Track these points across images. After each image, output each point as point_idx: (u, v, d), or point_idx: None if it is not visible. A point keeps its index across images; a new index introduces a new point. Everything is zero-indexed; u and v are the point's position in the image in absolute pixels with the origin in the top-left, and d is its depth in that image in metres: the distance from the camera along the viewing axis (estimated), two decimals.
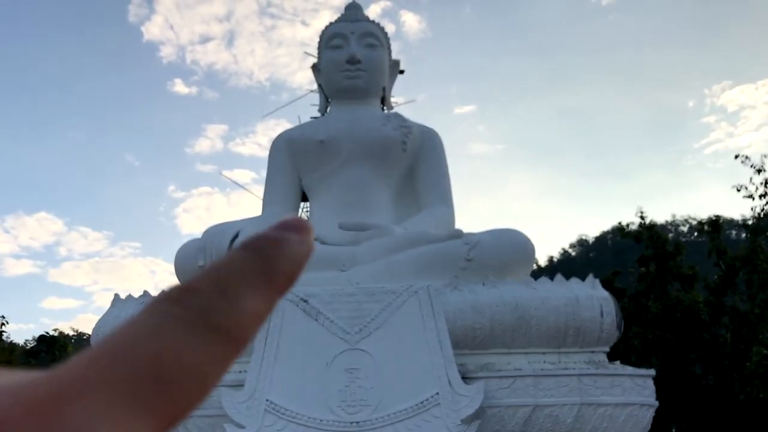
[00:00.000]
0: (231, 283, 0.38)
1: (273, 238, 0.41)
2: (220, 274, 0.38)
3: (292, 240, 0.42)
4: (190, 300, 0.36)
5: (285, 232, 0.42)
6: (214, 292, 0.37)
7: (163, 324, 0.35)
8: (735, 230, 40.06)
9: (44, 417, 0.31)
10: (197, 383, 0.35)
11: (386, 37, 11.16)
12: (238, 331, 0.37)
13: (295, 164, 10.47)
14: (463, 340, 7.45)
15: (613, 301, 7.84)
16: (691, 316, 19.53)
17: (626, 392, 7.30)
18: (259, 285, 0.39)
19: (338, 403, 6.87)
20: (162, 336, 0.34)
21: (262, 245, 0.41)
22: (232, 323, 0.37)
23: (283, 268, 0.41)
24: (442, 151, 10.76)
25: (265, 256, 0.40)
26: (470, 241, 8.35)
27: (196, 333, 0.35)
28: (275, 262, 0.40)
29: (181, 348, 0.34)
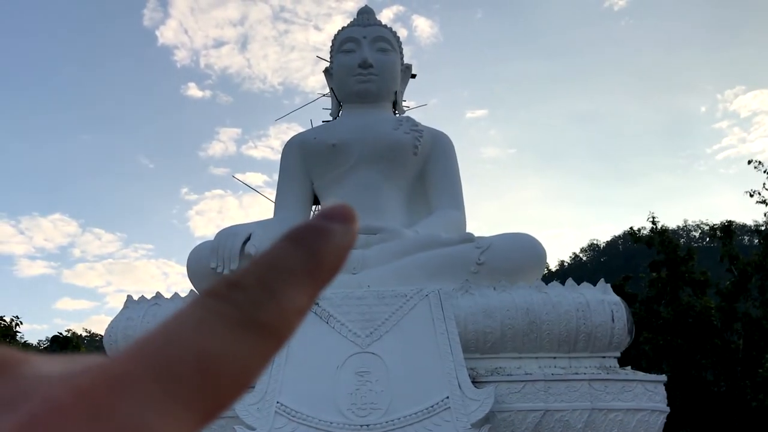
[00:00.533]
0: (274, 278, 0.38)
1: (317, 228, 0.41)
2: (263, 269, 0.39)
3: (335, 230, 0.41)
4: (234, 296, 0.37)
5: (329, 221, 0.41)
6: (258, 287, 0.38)
7: (208, 319, 0.36)
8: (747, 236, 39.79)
9: (95, 405, 0.32)
10: (239, 378, 0.36)
11: (398, 41, 11.19)
12: (280, 328, 0.37)
13: (307, 167, 10.51)
14: (474, 344, 7.45)
15: (624, 306, 7.82)
16: (703, 321, 19.40)
17: (637, 398, 7.27)
18: (302, 279, 0.39)
19: (348, 406, 6.89)
20: (207, 332, 0.35)
21: (305, 236, 0.40)
22: (275, 320, 0.37)
23: (326, 261, 0.40)
24: (454, 154, 10.76)
25: (308, 248, 0.40)
26: (481, 244, 8.35)
27: (241, 330, 0.36)
28: (318, 254, 0.40)
29: (226, 344, 0.35)
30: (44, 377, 0.34)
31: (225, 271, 8.50)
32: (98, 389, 0.32)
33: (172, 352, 0.34)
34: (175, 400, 0.33)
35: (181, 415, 0.33)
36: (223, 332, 0.35)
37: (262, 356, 0.37)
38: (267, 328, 0.37)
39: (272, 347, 0.37)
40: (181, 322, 0.36)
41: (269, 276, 0.38)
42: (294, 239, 0.40)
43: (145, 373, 0.33)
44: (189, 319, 0.36)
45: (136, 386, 0.33)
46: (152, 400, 0.33)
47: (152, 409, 0.33)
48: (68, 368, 0.35)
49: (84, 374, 0.33)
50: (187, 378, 0.34)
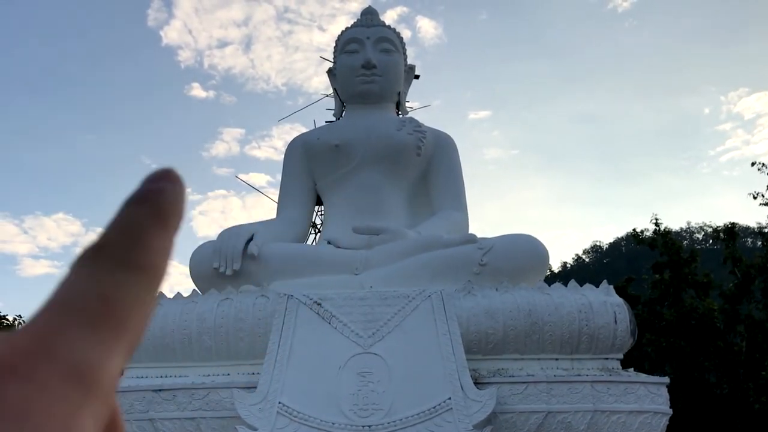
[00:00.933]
0: (135, 231, 0.44)
1: (151, 189, 0.47)
2: (123, 227, 0.44)
3: (167, 187, 0.47)
4: (106, 252, 0.43)
5: (159, 182, 0.47)
6: (125, 241, 0.43)
7: (94, 273, 0.41)
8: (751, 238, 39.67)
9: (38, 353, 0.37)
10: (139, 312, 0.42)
11: (402, 42, 11.19)
12: (155, 265, 0.44)
13: (310, 168, 10.51)
14: (476, 345, 7.45)
15: (626, 307, 7.80)
16: (706, 323, 19.36)
17: (640, 400, 7.26)
18: (159, 227, 0.45)
19: (350, 407, 6.88)
20: (98, 279, 0.41)
21: (146, 197, 0.46)
22: (148, 259, 0.43)
23: (169, 209, 0.46)
24: (456, 155, 10.76)
25: (153, 204, 0.46)
26: (484, 245, 8.35)
27: (124, 272, 0.42)
28: (161, 206, 0.46)
29: (116, 284, 0.41)
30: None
31: (227, 271, 8.50)
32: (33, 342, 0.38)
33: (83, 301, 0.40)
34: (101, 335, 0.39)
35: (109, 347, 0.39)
36: (109, 277, 0.41)
37: (148, 291, 0.43)
38: (142, 267, 0.43)
39: (153, 283, 0.43)
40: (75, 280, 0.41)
41: (127, 229, 0.44)
42: (135, 201, 0.46)
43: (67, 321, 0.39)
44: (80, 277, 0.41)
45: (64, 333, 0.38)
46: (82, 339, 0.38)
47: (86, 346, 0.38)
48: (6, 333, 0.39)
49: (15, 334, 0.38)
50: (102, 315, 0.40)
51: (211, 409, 7.17)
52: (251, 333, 7.53)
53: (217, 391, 7.22)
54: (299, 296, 7.60)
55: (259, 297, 7.76)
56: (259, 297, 7.77)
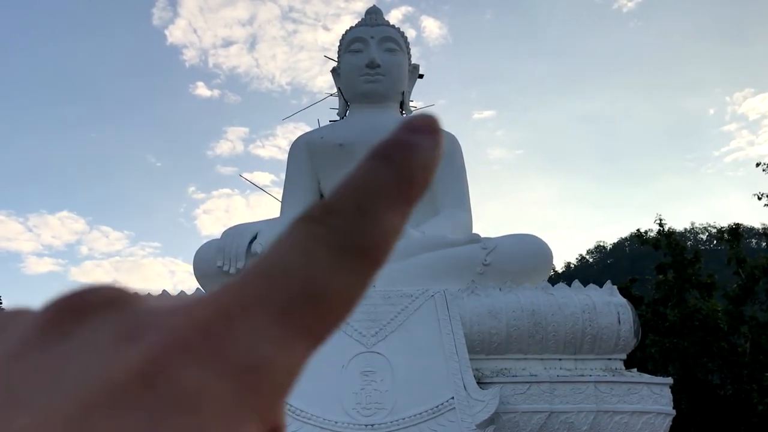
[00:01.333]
0: (368, 200, 0.37)
1: (403, 143, 0.39)
2: (356, 191, 0.37)
3: (422, 144, 0.39)
4: (332, 221, 0.36)
5: (415, 134, 0.39)
6: (354, 211, 0.37)
7: (311, 246, 0.35)
8: (755, 239, 39.60)
9: (214, 336, 0.33)
10: (344, 302, 0.36)
11: (406, 41, 11.20)
12: (378, 251, 0.37)
13: (313, 167, 10.53)
14: (479, 345, 7.45)
15: (630, 308, 7.80)
16: (710, 324, 19.32)
17: (643, 400, 7.26)
18: (395, 199, 0.38)
19: (353, 406, 6.90)
20: (312, 258, 0.35)
21: (393, 153, 0.39)
22: (374, 243, 0.37)
23: (416, 178, 0.39)
24: (460, 155, 10.76)
25: (397, 165, 0.38)
26: (488, 245, 8.35)
27: (342, 254, 0.35)
28: (408, 171, 0.39)
29: (329, 270, 0.35)
30: (159, 311, 0.34)
31: (231, 269, 8.52)
32: (216, 320, 0.33)
33: (281, 280, 0.34)
34: (286, 329, 0.34)
35: (292, 344, 0.34)
36: (325, 258, 0.35)
37: (363, 279, 0.37)
38: (366, 252, 0.36)
39: (372, 270, 0.37)
40: (286, 248, 0.36)
41: (363, 198, 0.37)
42: (382, 156, 0.39)
43: (258, 302, 0.34)
44: (293, 245, 0.36)
45: (251, 316, 0.33)
46: (266, 328, 0.33)
47: (267, 336, 0.33)
48: (181, 303, 0.35)
49: (200, 306, 0.34)
50: (297, 305, 0.34)
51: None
52: None
53: None
54: None
55: None
56: None
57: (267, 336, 0.33)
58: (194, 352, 0.32)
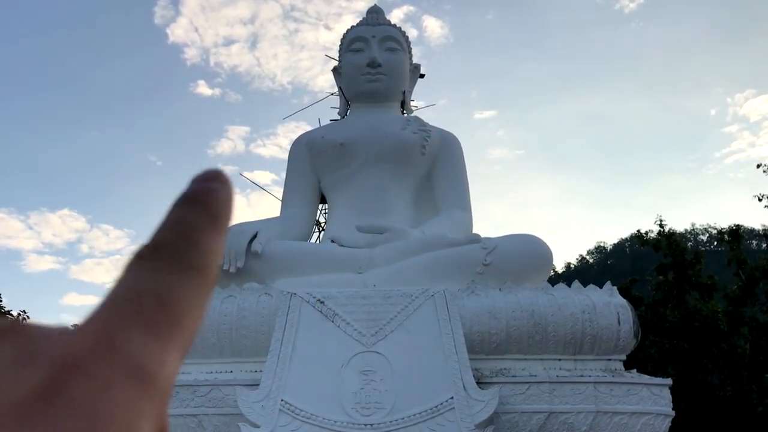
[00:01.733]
0: (188, 231, 0.45)
1: (202, 189, 0.48)
2: (176, 227, 0.45)
3: (217, 188, 0.48)
4: (160, 253, 0.43)
5: (209, 182, 0.48)
6: (178, 241, 0.44)
7: (150, 273, 0.42)
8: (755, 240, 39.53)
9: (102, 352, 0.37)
10: (193, 314, 0.42)
11: (407, 41, 11.18)
12: (208, 268, 0.44)
13: (314, 166, 10.51)
14: (479, 345, 7.45)
15: (630, 309, 7.79)
16: (710, 326, 19.31)
17: (642, 401, 7.25)
18: (210, 227, 0.46)
19: (353, 405, 6.89)
20: (155, 280, 0.41)
21: (197, 197, 0.47)
22: (202, 262, 0.44)
23: (220, 210, 0.47)
24: (461, 155, 10.75)
25: (202, 204, 0.47)
26: (488, 245, 8.34)
27: (179, 274, 0.42)
28: (212, 206, 0.47)
29: (174, 287, 0.42)
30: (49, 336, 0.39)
31: (231, 268, 8.52)
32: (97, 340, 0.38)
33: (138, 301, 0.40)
34: (159, 340, 0.39)
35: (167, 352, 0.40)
36: (166, 278, 0.42)
37: (202, 293, 0.43)
38: (197, 269, 0.43)
39: (207, 285, 0.44)
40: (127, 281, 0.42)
41: (181, 230, 0.45)
42: (187, 201, 0.47)
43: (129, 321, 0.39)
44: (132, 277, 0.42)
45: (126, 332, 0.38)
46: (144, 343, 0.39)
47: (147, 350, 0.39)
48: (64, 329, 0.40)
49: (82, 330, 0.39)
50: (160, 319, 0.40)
51: (213, 406, 7.19)
52: (254, 330, 7.54)
53: (219, 388, 7.24)
54: (302, 294, 7.61)
55: (263, 295, 7.78)
56: (262, 295, 7.78)
57: (147, 348, 0.39)
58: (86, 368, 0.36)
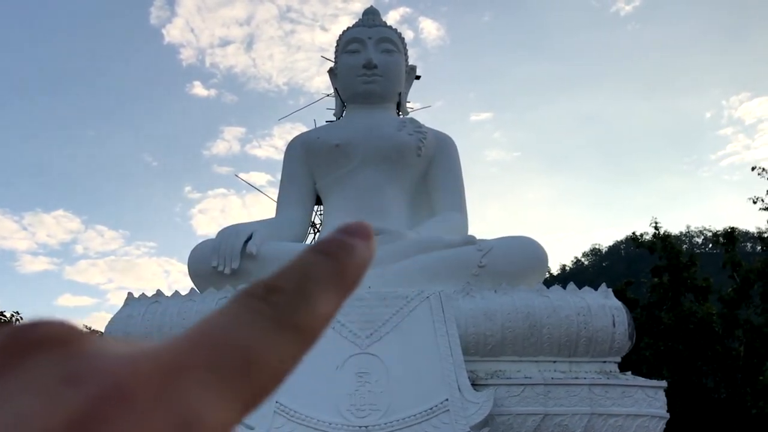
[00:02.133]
0: (307, 284, 0.42)
1: (342, 242, 0.45)
2: (297, 275, 0.42)
3: (358, 246, 0.45)
4: (272, 298, 0.41)
5: (352, 237, 0.46)
6: (294, 292, 0.41)
7: (251, 318, 0.39)
8: (750, 243, 39.67)
9: (154, 389, 0.35)
10: (277, 374, 0.39)
11: (403, 42, 11.19)
12: (312, 330, 0.41)
13: (310, 167, 10.51)
14: (474, 347, 7.45)
15: (625, 311, 7.81)
16: (704, 328, 19.36)
17: (637, 403, 7.26)
18: (332, 287, 0.43)
19: (348, 407, 6.88)
20: (251, 330, 0.39)
21: (333, 249, 0.44)
22: (308, 322, 0.41)
23: (351, 272, 0.44)
24: (457, 157, 10.76)
25: (336, 259, 0.44)
26: (483, 247, 8.35)
27: (279, 329, 0.40)
28: (345, 266, 0.44)
29: (266, 341, 0.39)
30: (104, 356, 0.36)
31: (226, 269, 8.50)
32: (160, 374, 0.35)
33: (221, 345, 0.38)
34: (224, 390, 0.37)
35: (228, 405, 0.37)
36: (263, 331, 0.39)
37: (295, 355, 0.40)
38: (301, 330, 0.40)
39: (304, 348, 0.41)
40: (228, 317, 0.39)
41: (302, 282, 0.42)
42: (323, 251, 0.44)
43: (198, 363, 0.36)
44: (235, 315, 0.39)
45: (193, 375, 0.36)
46: (204, 388, 0.36)
47: (205, 397, 0.36)
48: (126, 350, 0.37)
49: (142, 359, 0.36)
50: (233, 372, 0.37)
51: None
52: None
53: None
54: None
55: None
56: None
57: (204, 395, 0.36)
58: (133, 403, 0.34)
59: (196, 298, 7.93)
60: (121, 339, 0.40)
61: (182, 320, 7.66)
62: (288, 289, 0.41)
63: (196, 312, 7.69)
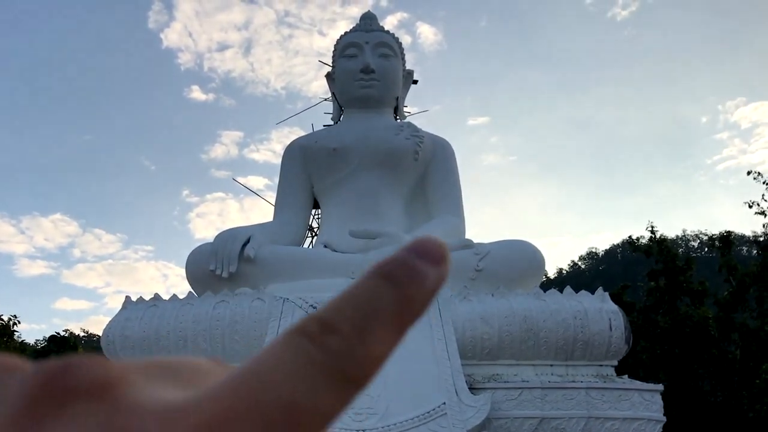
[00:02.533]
0: (365, 321, 0.37)
1: (411, 268, 0.39)
2: (357, 309, 0.38)
3: (429, 274, 0.39)
4: (327, 340, 0.36)
5: (423, 261, 0.40)
6: (350, 333, 0.37)
7: (301, 364, 0.36)
8: (746, 246, 39.80)
9: None
10: (320, 426, 0.36)
11: (400, 47, 11.22)
12: (365, 378, 0.37)
13: (307, 171, 10.53)
14: (471, 351, 7.46)
15: (622, 314, 7.83)
16: (701, 331, 19.40)
17: (634, 407, 7.27)
18: (392, 325, 0.38)
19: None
20: (300, 378, 0.35)
21: (399, 275, 0.39)
22: (362, 371, 0.37)
23: (416, 306, 0.39)
24: (454, 161, 10.79)
25: (401, 289, 0.38)
26: (480, 251, 8.37)
27: (329, 380, 0.36)
28: (410, 299, 0.38)
29: (314, 394, 0.35)
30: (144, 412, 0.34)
31: (224, 273, 8.51)
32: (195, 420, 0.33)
33: (265, 400, 0.34)
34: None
35: None
36: (313, 380, 0.35)
37: (342, 404, 0.36)
38: (354, 379, 0.36)
39: (352, 395, 0.37)
40: (275, 362, 0.36)
41: (361, 318, 0.37)
42: (387, 277, 0.39)
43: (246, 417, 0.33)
44: (281, 361, 0.36)
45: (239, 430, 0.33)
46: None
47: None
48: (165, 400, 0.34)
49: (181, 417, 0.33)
50: (276, 425, 0.34)
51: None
52: (247, 336, 7.53)
53: None
54: (295, 300, 7.61)
55: (255, 300, 7.77)
56: (255, 300, 7.77)
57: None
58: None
59: (193, 302, 7.93)
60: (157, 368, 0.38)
61: (180, 324, 7.67)
62: (345, 330, 0.37)
63: (193, 315, 7.69)
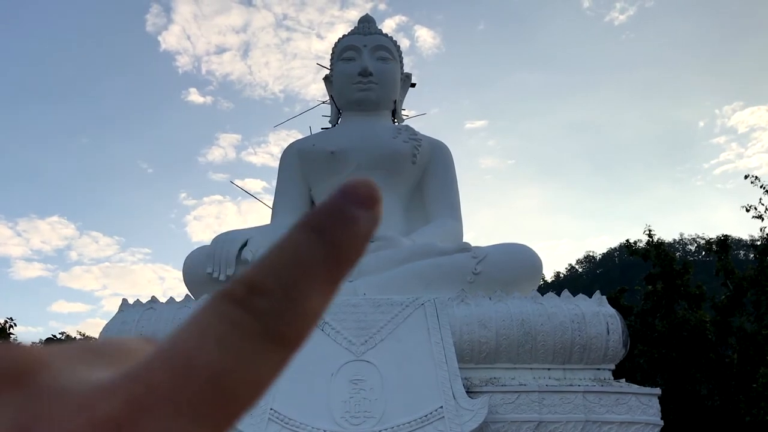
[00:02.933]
0: (294, 279, 0.35)
1: (339, 214, 0.36)
2: (283, 268, 0.35)
3: (359, 217, 0.36)
4: (255, 302, 0.34)
5: (353, 206, 0.36)
6: (278, 293, 0.34)
7: (226, 332, 0.33)
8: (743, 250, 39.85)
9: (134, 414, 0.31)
10: (253, 393, 0.34)
11: (398, 50, 11.23)
12: (299, 337, 0.35)
13: (305, 174, 10.52)
14: (469, 354, 7.45)
15: (619, 318, 7.82)
16: (698, 335, 19.39)
17: (631, 410, 7.27)
18: (323, 280, 0.35)
19: (342, 414, 6.87)
20: (224, 348, 0.33)
21: (327, 224, 0.36)
22: (294, 329, 0.35)
23: (348, 256, 0.36)
24: (452, 164, 10.79)
25: (330, 238, 0.36)
26: (478, 254, 8.37)
27: (259, 343, 0.34)
28: (340, 246, 0.36)
29: (244, 360, 0.33)
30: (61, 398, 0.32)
31: (221, 276, 8.49)
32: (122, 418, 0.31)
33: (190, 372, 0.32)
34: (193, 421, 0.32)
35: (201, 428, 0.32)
36: (239, 348, 0.33)
37: (276, 368, 0.35)
38: (286, 342, 0.34)
39: (287, 358, 0.35)
40: (198, 333, 0.33)
41: (289, 277, 0.35)
42: (314, 227, 0.36)
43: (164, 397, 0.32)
44: (207, 329, 0.33)
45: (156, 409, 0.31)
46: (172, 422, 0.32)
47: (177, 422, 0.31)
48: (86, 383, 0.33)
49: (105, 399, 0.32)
50: (204, 399, 0.32)
51: None
52: None
53: None
54: None
55: None
56: None
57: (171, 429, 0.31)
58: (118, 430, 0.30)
59: (190, 305, 7.91)
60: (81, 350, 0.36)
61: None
62: (273, 290, 0.34)
63: None
